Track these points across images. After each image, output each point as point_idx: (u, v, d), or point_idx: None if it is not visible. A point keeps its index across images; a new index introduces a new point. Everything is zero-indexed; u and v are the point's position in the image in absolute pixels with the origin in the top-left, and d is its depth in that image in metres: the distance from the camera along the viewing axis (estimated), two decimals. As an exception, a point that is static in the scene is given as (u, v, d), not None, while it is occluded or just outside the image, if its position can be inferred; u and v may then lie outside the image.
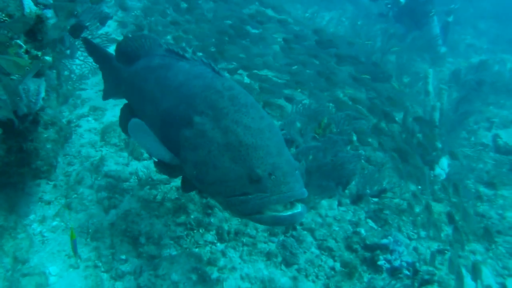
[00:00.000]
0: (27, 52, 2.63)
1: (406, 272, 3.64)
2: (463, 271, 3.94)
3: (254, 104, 2.50)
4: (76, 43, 4.84)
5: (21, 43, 2.59)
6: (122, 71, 3.29)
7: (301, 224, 3.89)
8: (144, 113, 3.04)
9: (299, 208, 2.19)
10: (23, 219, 3.59)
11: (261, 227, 3.77)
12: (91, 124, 5.04)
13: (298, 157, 3.79)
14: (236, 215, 2.40)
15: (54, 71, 4.07)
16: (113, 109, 5.28)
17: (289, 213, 2.16)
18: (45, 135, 3.82)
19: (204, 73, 2.64)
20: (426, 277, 3.61)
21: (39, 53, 2.71)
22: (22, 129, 2.75)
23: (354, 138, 4.57)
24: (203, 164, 2.35)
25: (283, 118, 4.63)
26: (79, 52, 4.90)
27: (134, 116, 3.27)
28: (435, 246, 4.11)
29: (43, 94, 2.63)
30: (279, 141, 2.36)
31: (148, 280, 3.05)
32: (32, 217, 3.64)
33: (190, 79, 2.65)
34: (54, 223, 3.62)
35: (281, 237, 3.77)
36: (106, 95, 3.85)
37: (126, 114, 3.41)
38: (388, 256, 3.71)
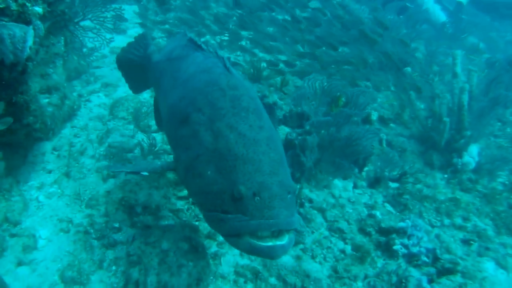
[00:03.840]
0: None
1: (425, 259, 3.27)
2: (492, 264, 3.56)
3: (257, 110, 2.15)
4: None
5: (10, -9, 2.45)
6: (149, 61, 3.16)
7: (311, 201, 3.59)
8: (161, 105, 2.82)
9: (284, 240, 1.81)
10: (22, 184, 3.49)
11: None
12: (101, 99, 4.93)
13: (311, 130, 3.50)
14: (214, 230, 2.12)
15: (62, 38, 3.96)
16: (125, 86, 5.14)
17: (269, 244, 1.78)
18: (47, 100, 3.73)
19: (213, 68, 2.37)
20: (448, 265, 3.23)
21: (28, 3, 2.56)
22: (11, 80, 2.60)
23: (374, 117, 4.22)
24: (191, 168, 2.06)
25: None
26: (92, 24, 4.80)
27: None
28: (460, 235, 3.71)
29: (30, 43, 2.45)
30: (276, 158, 1.99)
31: (138, 248, 2.84)
32: (31, 183, 3.53)
33: (199, 72, 2.40)
34: (51, 189, 3.50)
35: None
36: (136, 89, 3.88)
37: (158, 106, 3.27)
38: (405, 241, 3.35)
